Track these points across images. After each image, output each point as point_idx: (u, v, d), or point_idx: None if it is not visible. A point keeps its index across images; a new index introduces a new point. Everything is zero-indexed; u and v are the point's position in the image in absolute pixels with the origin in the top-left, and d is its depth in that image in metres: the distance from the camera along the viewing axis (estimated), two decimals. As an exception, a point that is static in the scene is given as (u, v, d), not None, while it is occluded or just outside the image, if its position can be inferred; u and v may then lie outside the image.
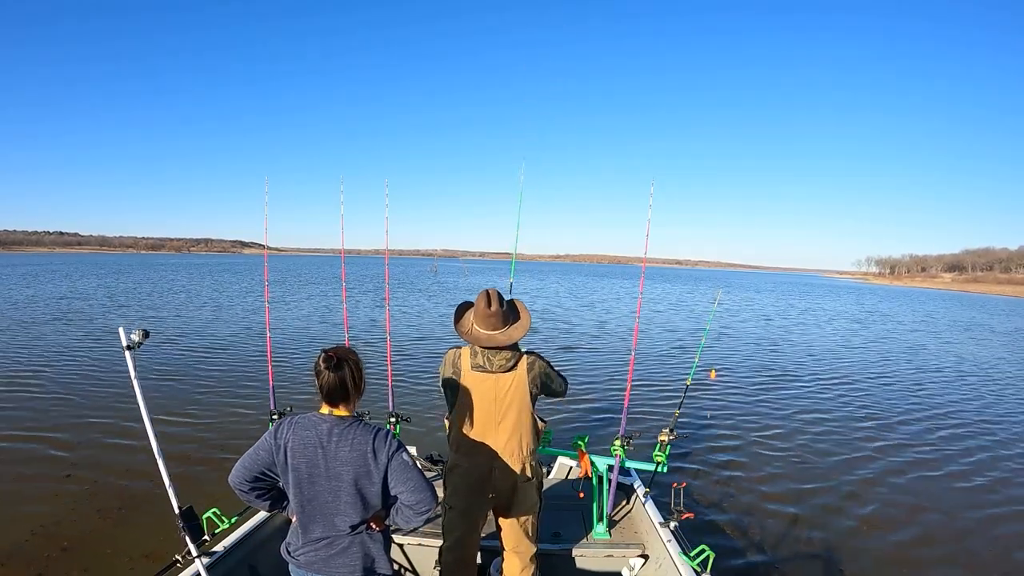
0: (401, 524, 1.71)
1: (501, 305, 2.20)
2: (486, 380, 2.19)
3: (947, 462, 5.81)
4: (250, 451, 1.68)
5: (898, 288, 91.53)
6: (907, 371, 11.19)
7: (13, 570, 3.29)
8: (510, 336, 2.20)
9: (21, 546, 3.53)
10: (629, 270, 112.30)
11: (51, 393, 7.12)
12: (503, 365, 2.18)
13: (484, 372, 2.18)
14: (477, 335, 2.21)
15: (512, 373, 2.19)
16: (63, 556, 3.44)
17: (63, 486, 4.43)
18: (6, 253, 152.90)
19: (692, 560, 2.44)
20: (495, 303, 2.18)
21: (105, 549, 3.52)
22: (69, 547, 3.54)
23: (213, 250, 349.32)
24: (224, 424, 5.99)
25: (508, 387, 2.19)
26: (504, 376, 2.18)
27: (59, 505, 4.09)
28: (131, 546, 3.53)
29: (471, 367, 2.20)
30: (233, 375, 8.31)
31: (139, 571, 3.24)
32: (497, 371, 2.18)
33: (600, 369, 9.72)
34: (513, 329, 2.22)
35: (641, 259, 3.30)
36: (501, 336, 2.19)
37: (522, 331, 2.22)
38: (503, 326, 2.20)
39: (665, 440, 2.98)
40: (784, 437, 6.35)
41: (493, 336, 2.18)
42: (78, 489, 4.37)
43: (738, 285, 57.27)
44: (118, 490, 4.33)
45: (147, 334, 2.06)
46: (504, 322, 2.20)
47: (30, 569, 3.30)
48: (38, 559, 3.40)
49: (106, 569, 3.33)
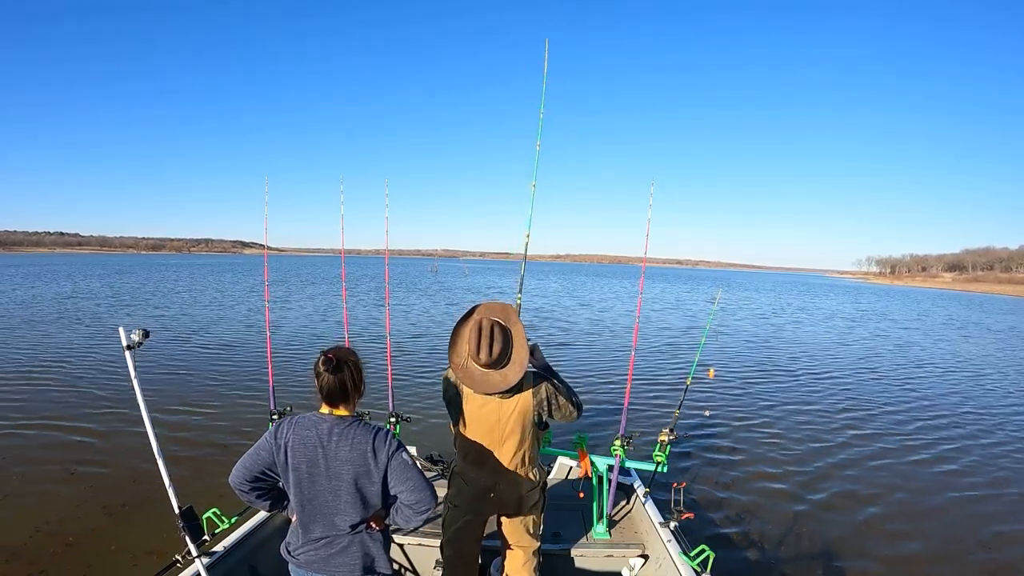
0: (401, 523, 1.72)
1: (503, 343, 2.05)
2: (489, 403, 2.13)
3: (950, 463, 5.81)
4: (250, 451, 1.68)
5: (898, 288, 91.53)
6: (906, 372, 11.18)
7: (18, 566, 3.32)
8: (507, 379, 2.06)
9: (26, 543, 3.55)
10: (630, 270, 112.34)
11: (56, 391, 7.18)
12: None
13: (487, 395, 2.12)
14: (471, 372, 2.08)
15: (516, 397, 2.12)
16: (68, 552, 3.47)
17: (68, 483, 4.46)
18: (7, 254, 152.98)
19: (692, 560, 2.44)
20: (484, 353, 2.02)
21: (109, 546, 3.54)
22: (74, 543, 3.57)
23: (214, 250, 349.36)
24: (224, 424, 5.98)
25: (512, 411, 2.13)
26: (507, 401, 2.12)
27: (64, 502, 4.11)
28: (135, 543, 3.54)
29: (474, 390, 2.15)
30: (233, 375, 8.30)
31: (142, 567, 3.26)
32: (501, 395, 2.11)
33: (600, 369, 9.71)
34: (509, 370, 2.07)
35: (642, 259, 3.30)
36: (497, 378, 2.05)
37: (520, 368, 2.07)
38: (500, 366, 2.07)
39: (665, 440, 2.98)
40: (784, 436, 6.35)
41: (489, 380, 2.06)
42: (83, 487, 4.40)
43: (738, 285, 57.28)
44: (122, 488, 4.35)
45: (147, 334, 2.06)
46: (499, 362, 2.06)
47: (35, 565, 3.33)
48: (43, 555, 3.43)
49: (110, 565, 3.35)
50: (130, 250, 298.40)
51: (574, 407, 2.22)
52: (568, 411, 2.20)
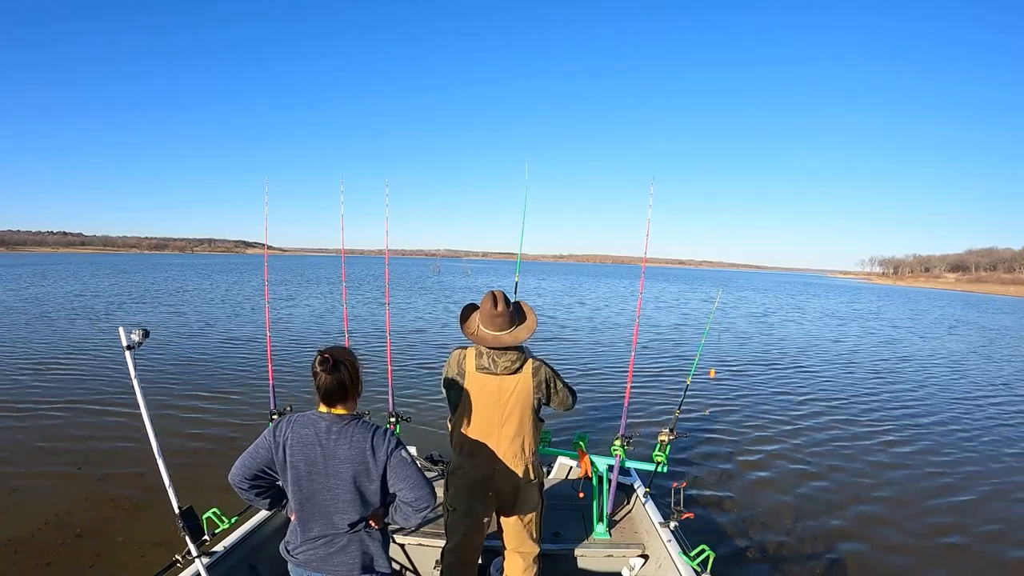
0: (400, 522, 1.71)
1: (508, 306, 2.19)
2: (490, 382, 2.17)
3: (950, 464, 5.79)
4: (250, 449, 1.68)
5: (900, 288, 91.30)
6: (905, 370, 11.16)
7: (28, 556, 3.41)
8: (516, 337, 2.18)
9: (34, 534, 3.64)
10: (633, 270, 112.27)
11: (67, 387, 7.29)
12: (508, 367, 2.16)
13: (489, 374, 2.17)
14: (483, 336, 2.19)
15: (517, 376, 2.18)
16: (77, 543, 3.57)
17: (76, 478, 4.54)
18: (10, 253, 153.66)
19: (692, 560, 2.43)
20: (501, 304, 2.16)
21: (117, 537, 3.63)
22: (83, 534, 3.66)
23: (216, 250, 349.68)
24: (225, 424, 6.00)
25: (512, 390, 2.17)
26: (509, 378, 2.17)
27: (72, 496, 4.20)
28: (142, 534, 3.63)
29: (476, 368, 2.19)
30: (234, 374, 8.32)
31: (149, 558, 3.34)
32: (502, 373, 2.16)
33: (600, 369, 9.70)
34: (519, 330, 2.20)
35: (644, 259, 3.29)
36: (507, 337, 2.17)
37: (528, 332, 2.21)
38: (509, 327, 2.18)
39: (665, 440, 2.98)
40: (784, 436, 6.34)
41: (499, 337, 2.17)
42: (91, 481, 4.49)
43: (739, 285, 57.21)
44: (130, 482, 4.42)
45: (147, 334, 2.05)
46: (510, 323, 2.19)
47: (45, 555, 3.42)
48: (53, 546, 3.52)
49: (118, 555, 3.44)
50: (133, 249, 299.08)
51: (570, 393, 2.33)
52: (564, 396, 2.30)
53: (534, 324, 2.25)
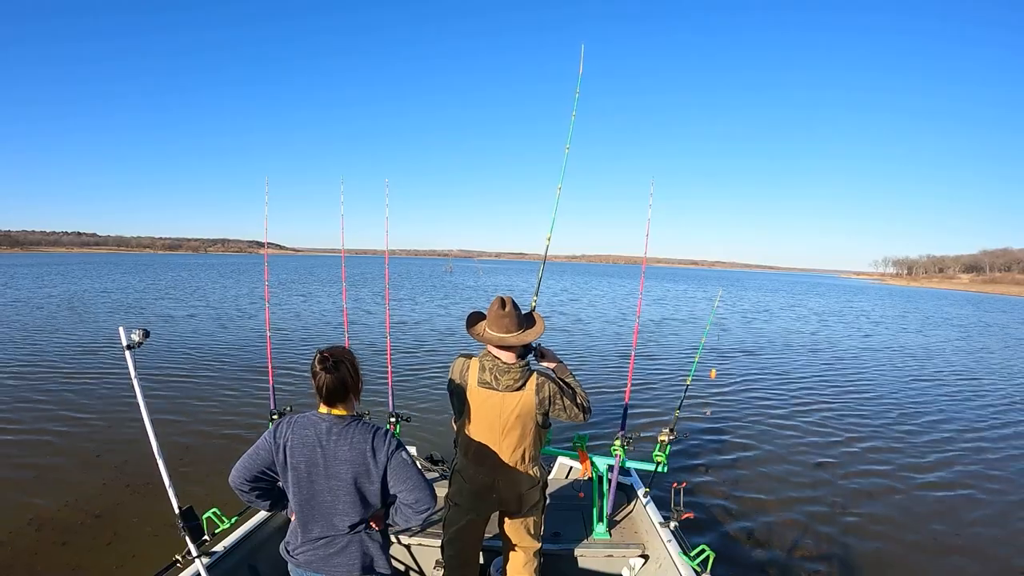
0: (400, 523, 1.71)
1: (516, 309, 2.16)
2: (491, 397, 2.13)
3: (947, 467, 5.70)
4: (250, 451, 1.69)
5: (913, 289, 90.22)
6: (906, 371, 11.03)
7: (49, 533, 3.68)
8: (522, 339, 2.13)
9: (54, 516, 3.91)
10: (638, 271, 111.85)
11: (86, 382, 7.59)
12: (510, 385, 2.11)
13: (490, 389, 2.13)
14: (489, 336, 2.15)
15: (519, 393, 2.12)
16: (95, 522, 3.85)
17: (95, 465, 4.81)
18: (25, 253, 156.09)
19: (692, 560, 2.42)
20: (509, 305, 2.14)
21: (132, 518, 3.88)
22: (101, 515, 3.94)
23: (230, 250, 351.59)
24: (225, 424, 6.03)
25: (513, 407, 2.13)
26: (511, 395, 2.12)
27: (91, 481, 4.49)
28: (157, 517, 3.82)
29: (477, 383, 2.15)
30: (234, 375, 8.34)
31: (163, 538, 3.58)
32: (504, 390, 2.12)
33: (600, 369, 9.68)
34: (526, 333, 2.16)
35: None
36: (513, 338, 2.12)
37: (535, 336, 2.17)
38: (516, 329, 2.14)
39: (665, 440, 2.97)
40: (784, 436, 6.31)
41: (505, 337, 2.12)
42: (110, 467, 4.76)
43: (746, 285, 56.84)
44: (146, 470, 4.55)
45: (147, 334, 2.05)
46: (518, 326, 2.14)
47: (65, 533, 3.69)
48: (72, 525, 3.79)
49: (133, 534, 3.70)
50: (147, 250, 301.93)
51: (579, 410, 2.21)
52: (573, 413, 2.19)
53: (542, 329, 2.20)
